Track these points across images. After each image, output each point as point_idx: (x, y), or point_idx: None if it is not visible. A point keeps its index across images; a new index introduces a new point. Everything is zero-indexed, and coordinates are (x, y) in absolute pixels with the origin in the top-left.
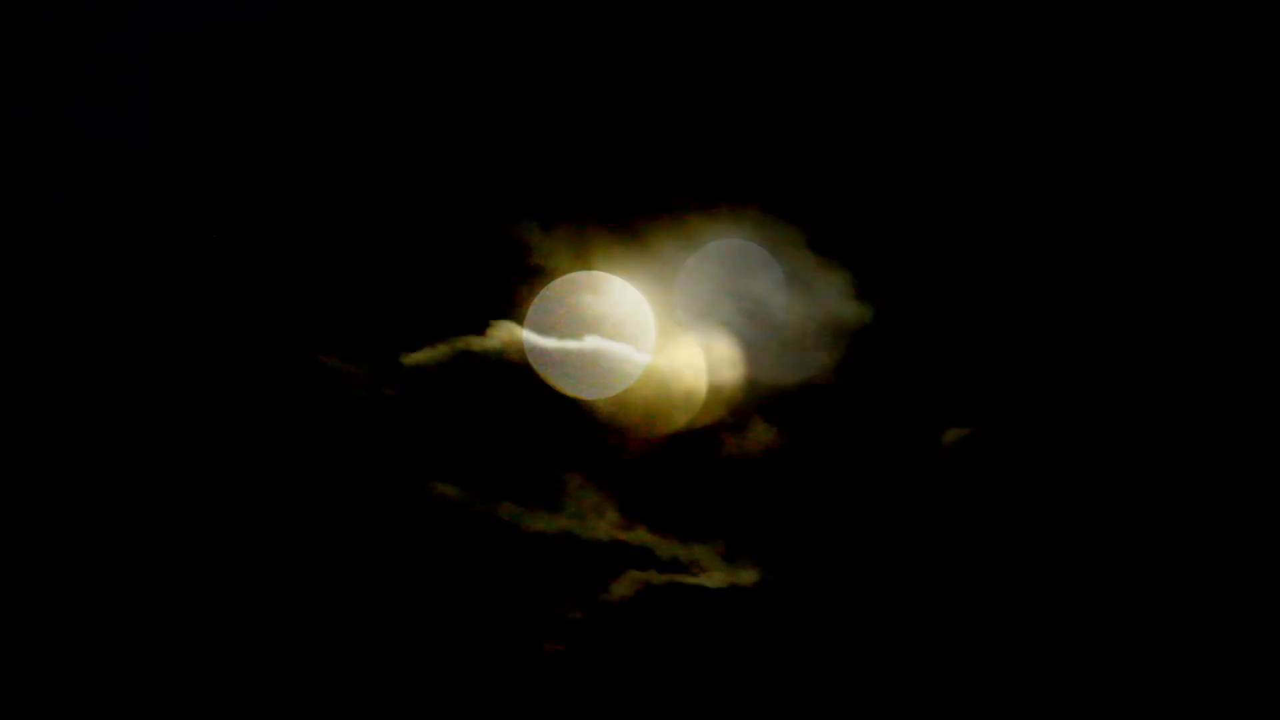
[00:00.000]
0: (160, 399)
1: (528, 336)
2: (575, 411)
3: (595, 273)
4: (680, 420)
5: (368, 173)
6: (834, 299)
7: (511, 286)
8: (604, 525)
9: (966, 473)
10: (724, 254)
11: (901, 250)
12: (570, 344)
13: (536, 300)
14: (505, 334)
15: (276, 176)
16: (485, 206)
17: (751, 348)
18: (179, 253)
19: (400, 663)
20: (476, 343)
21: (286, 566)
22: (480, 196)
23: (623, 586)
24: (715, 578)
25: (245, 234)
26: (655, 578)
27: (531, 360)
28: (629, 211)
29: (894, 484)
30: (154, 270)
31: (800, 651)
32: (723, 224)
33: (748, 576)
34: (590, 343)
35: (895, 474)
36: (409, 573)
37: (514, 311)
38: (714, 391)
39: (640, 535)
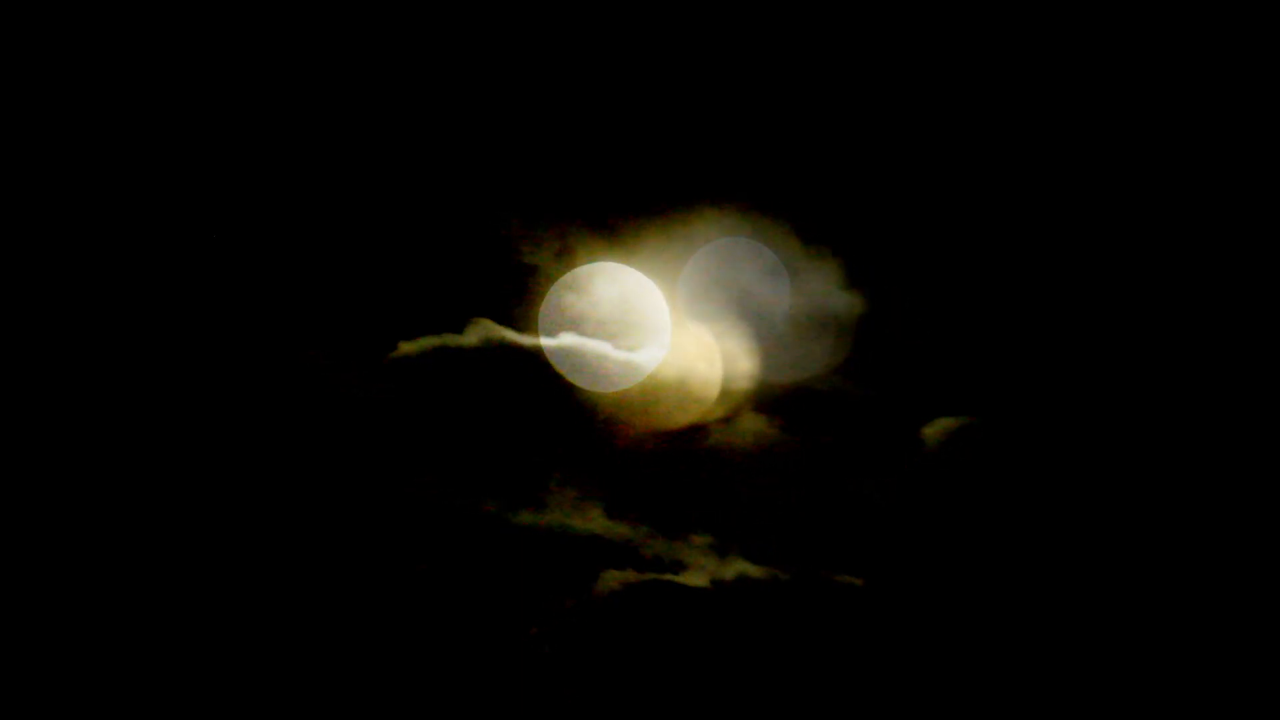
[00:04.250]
0: (147, 393)
1: (510, 334)
2: (560, 409)
3: (577, 271)
4: (666, 417)
5: (356, 169)
6: (825, 290)
7: (494, 283)
8: (588, 522)
9: (958, 465)
10: (715, 250)
11: (892, 239)
12: (550, 341)
13: (520, 297)
14: (488, 331)
15: (266, 174)
16: (469, 204)
17: (741, 341)
18: (171, 250)
19: (384, 659)
20: (459, 339)
21: (269, 561)
22: (464, 194)
23: (606, 584)
24: (700, 576)
25: (234, 230)
26: (640, 576)
27: (516, 357)
28: (611, 209)
29: (885, 477)
30: (145, 267)
31: (788, 651)
32: (708, 220)
33: (732, 574)
34: (570, 340)
35: (886, 467)
36: (393, 571)
37: (497, 308)
38: (702, 388)
39: (624, 532)
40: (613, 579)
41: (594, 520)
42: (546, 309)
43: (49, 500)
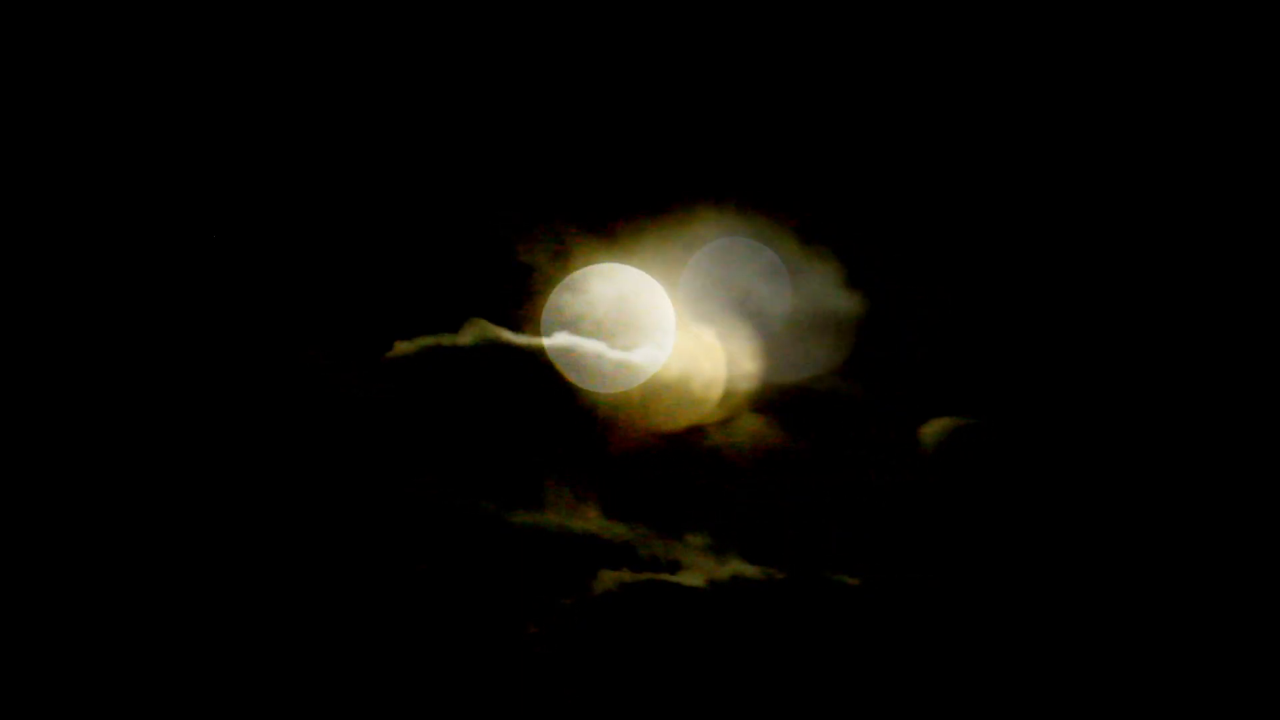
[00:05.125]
0: (146, 392)
1: (507, 333)
2: (559, 409)
3: (577, 271)
4: (665, 418)
5: (354, 169)
6: (824, 290)
7: (491, 283)
8: (586, 522)
9: (955, 464)
10: (716, 250)
11: (891, 239)
12: (549, 341)
13: (517, 297)
14: (484, 331)
15: (266, 174)
16: (467, 204)
17: (742, 342)
18: (171, 250)
19: (384, 659)
20: (456, 339)
21: (269, 561)
22: (462, 194)
23: (602, 584)
24: (696, 576)
25: (234, 230)
26: (636, 575)
27: (514, 357)
28: (609, 208)
29: (882, 477)
30: (145, 267)
31: (784, 651)
32: (708, 220)
33: (728, 574)
34: (570, 340)
35: (883, 467)
36: (392, 570)
37: (494, 308)
38: (703, 389)
39: (621, 532)
40: (609, 579)
41: (591, 520)
42: (546, 309)
43: (48, 499)
